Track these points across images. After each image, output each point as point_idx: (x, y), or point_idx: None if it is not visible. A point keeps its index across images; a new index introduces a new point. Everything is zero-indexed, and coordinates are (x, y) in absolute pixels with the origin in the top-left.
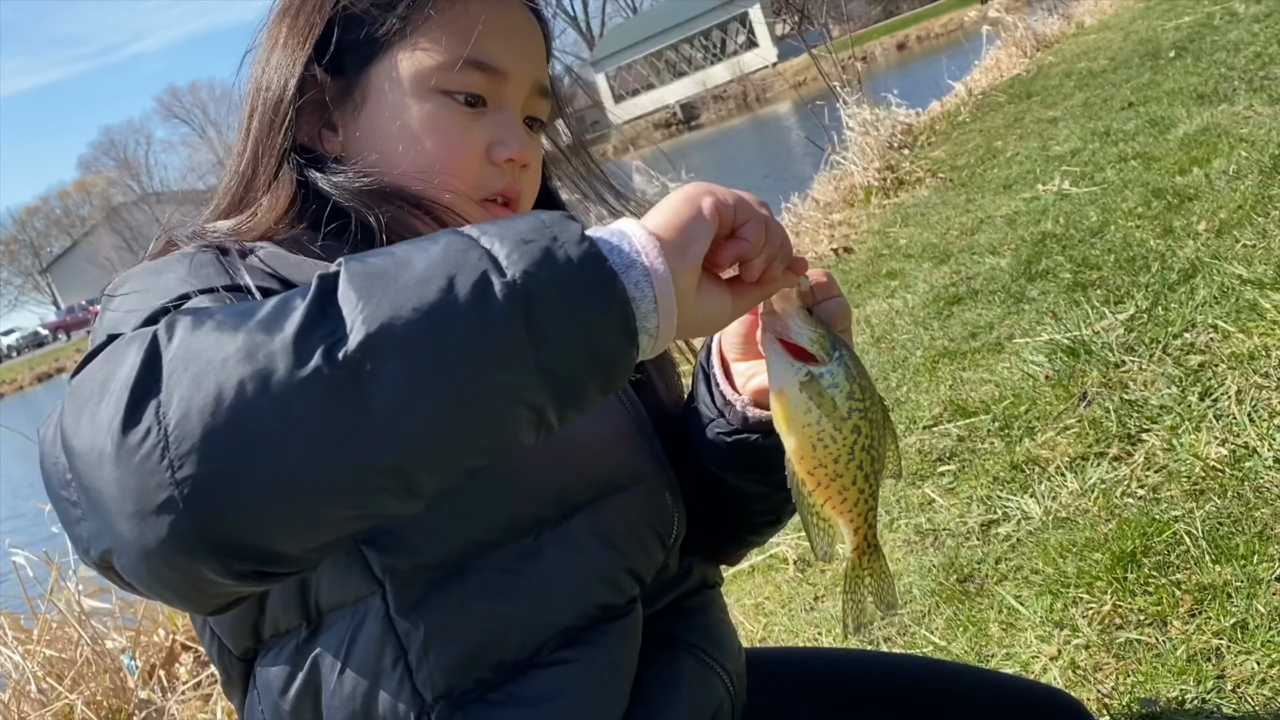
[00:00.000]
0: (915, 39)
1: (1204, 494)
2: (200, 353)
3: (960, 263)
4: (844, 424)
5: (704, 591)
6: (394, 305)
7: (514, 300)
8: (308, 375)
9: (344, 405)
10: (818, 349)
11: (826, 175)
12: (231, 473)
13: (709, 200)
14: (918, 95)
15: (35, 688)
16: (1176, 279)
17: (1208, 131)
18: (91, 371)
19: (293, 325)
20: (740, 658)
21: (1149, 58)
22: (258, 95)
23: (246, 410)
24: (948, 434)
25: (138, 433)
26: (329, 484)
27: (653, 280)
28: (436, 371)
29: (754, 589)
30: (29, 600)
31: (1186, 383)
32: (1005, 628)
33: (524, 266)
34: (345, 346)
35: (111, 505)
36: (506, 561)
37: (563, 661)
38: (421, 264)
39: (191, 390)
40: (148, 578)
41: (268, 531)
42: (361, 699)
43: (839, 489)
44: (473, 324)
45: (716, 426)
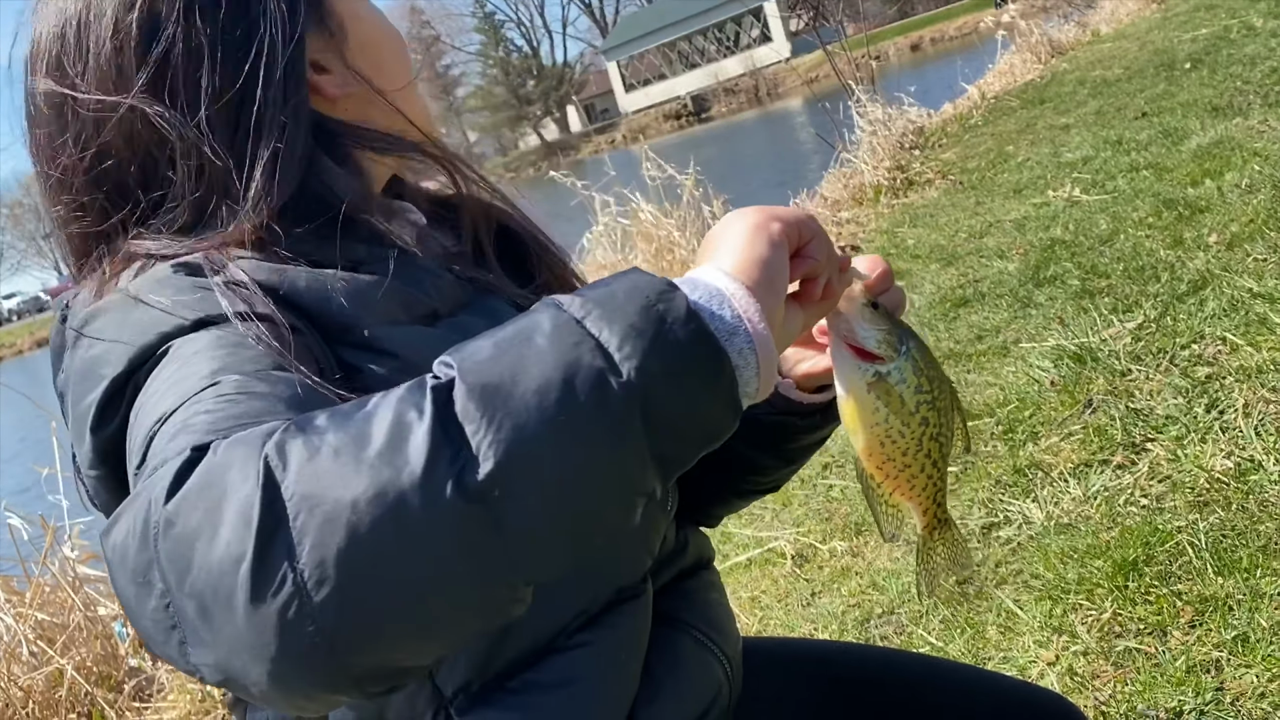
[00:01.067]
0: (929, 40)
1: (1208, 506)
2: (325, 491)
3: (968, 265)
4: (912, 418)
5: (700, 572)
6: (517, 425)
7: (632, 402)
8: (442, 510)
9: (479, 536)
10: (885, 349)
11: (836, 173)
12: (375, 614)
13: (777, 227)
14: (930, 97)
15: (26, 650)
16: (1186, 290)
17: (1221, 144)
18: (189, 499)
19: (419, 455)
20: (738, 643)
21: (1164, 68)
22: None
23: (384, 552)
24: None
25: (272, 582)
26: (467, 609)
27: (756, 347)
28: (565, 490)
29: (750, 582)
30: (23, 563)
31: (1193, 394)
32: (1003, 631)
33: (637, 361)
34: (475, 475)
35: (241, 650)
36: None
37: (580, 645)
38: (534, 366)
39: (325, 535)
40: (279, 703)
41: (406, 658)
42: (375, 702)
43: (908, 479)
44: (597, 436)
45: (755, 409)
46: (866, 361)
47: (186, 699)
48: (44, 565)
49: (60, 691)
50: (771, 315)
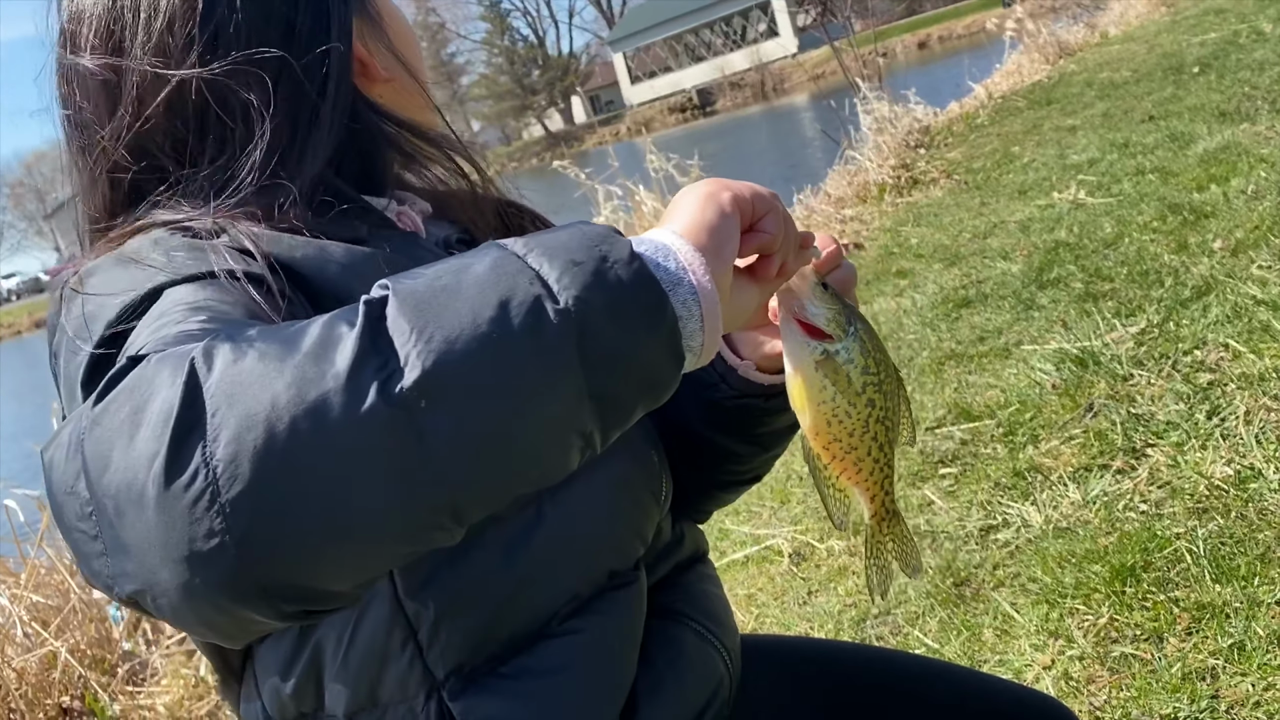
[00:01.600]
0: (937, 39)
1: (1207, 513)
2: (246, 387)
3: (971, 266)
4: (859, 399)
5: (697, 565)
6: (448, 337)
7: (567, 330)
8: (363, 414)
9: (400, 444)
10: (834, 327)
11: (840, 170)
12: (286, 516)
13: (728, 196)
14: (937, 95)
15: (20, 632)
16: (1189, 295)
17: (1228, 149)
18: (117, 400)
19: (344, 359)
20: (736, 636)
21: (1172, 72)
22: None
23: (300, 451)
24: (950, 437)
25: (183, 475)
26: (384, 524)
27: (700, 298)
28: (492, 409)
29: (747, 580)
30: (19, 544)
31: (1194, 400)
32: (999, 634)
33: (576, 291)
34: (401, 382)
35: (151, 550)
36: (510, 534)
37: (573, 631)
38: (472, 289)
39: (241, 429)
40: (188, 619)
41: (320, 573)
42: (368, 680)
43: (854, 460)
44: (528, 357)
45: (717, 392)
46: (815, 339)
47: (180, 684)
48: (40, 547)
49: (54, 674)
50: (718, 278)
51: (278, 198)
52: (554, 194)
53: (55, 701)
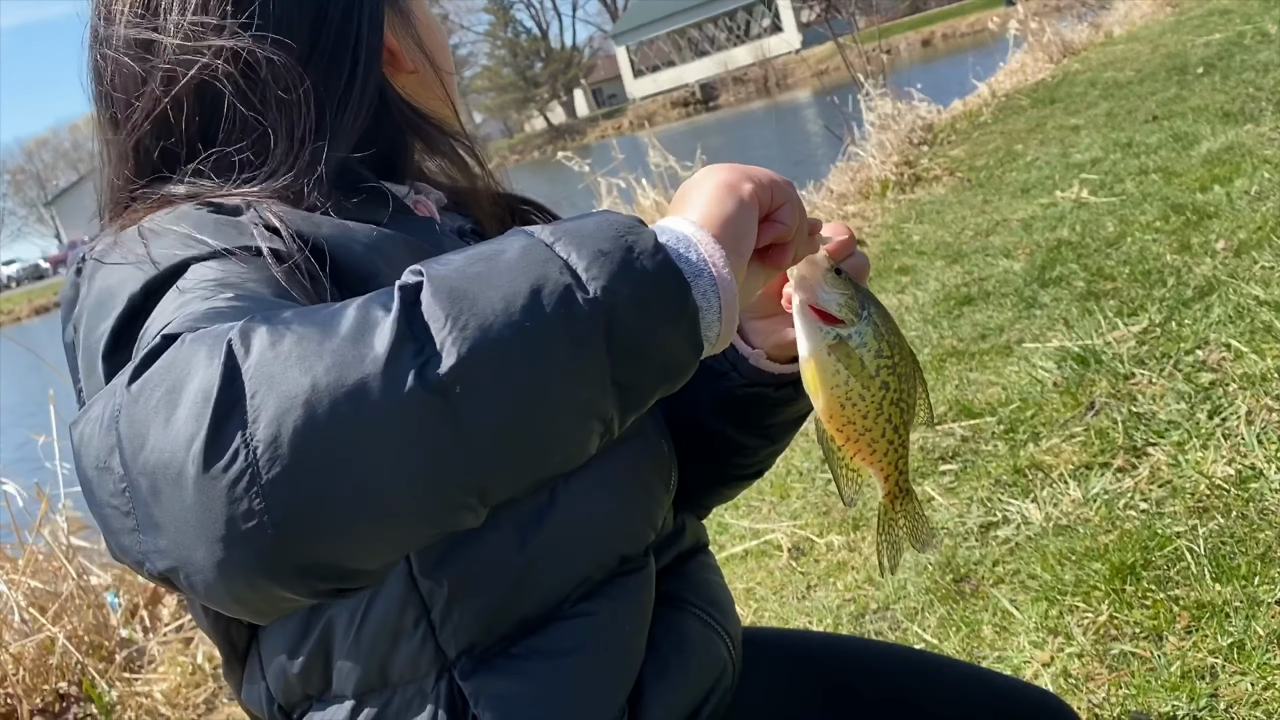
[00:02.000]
0: (941, 36)
1: (1207, 512)
2: (286, 370)
3: (973, 263)
4: (872, 382)
5: (698, 555)
6: (482, 325)
7: (596, 319)
8: (403, 398)
9: (436, 427)
10: (846, 312)
11: (843, 166)
12: (325, 497)
13: (749, 188)
14: (940, 93)
15: (18, 617)
16: (1192, 295)
17: (1231, 150)
18: (153, 379)
19: (382, 344)
20: (738, 624)
21: (1176, 72)
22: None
23: (341, 433)
24: (951, 433)
25: (223, 456)
26: (418, 506)
27: (719, 290)
28: (523, 395)
29: (746, 574)
30: (17, 530)
31: (1196, 400)
32: (999, 630)
33: (604, 281)
34: (438, 368)
35: (188, 529)
36: (524, 515)
37: (584, 614)
38: (503, 277)
39: (280, 411)
40: (221, 596)
41: (355, 553)
42: (379, 659)
43: (868, 442)
44: (559, 346)
45: (728, 380)
46: (828, 324)
47: (177, 671)
48: (38, 533)
49: (51, 659)
50: (735, 270)
51: (303, 179)
52: (557, 187)
53: (52, 687)
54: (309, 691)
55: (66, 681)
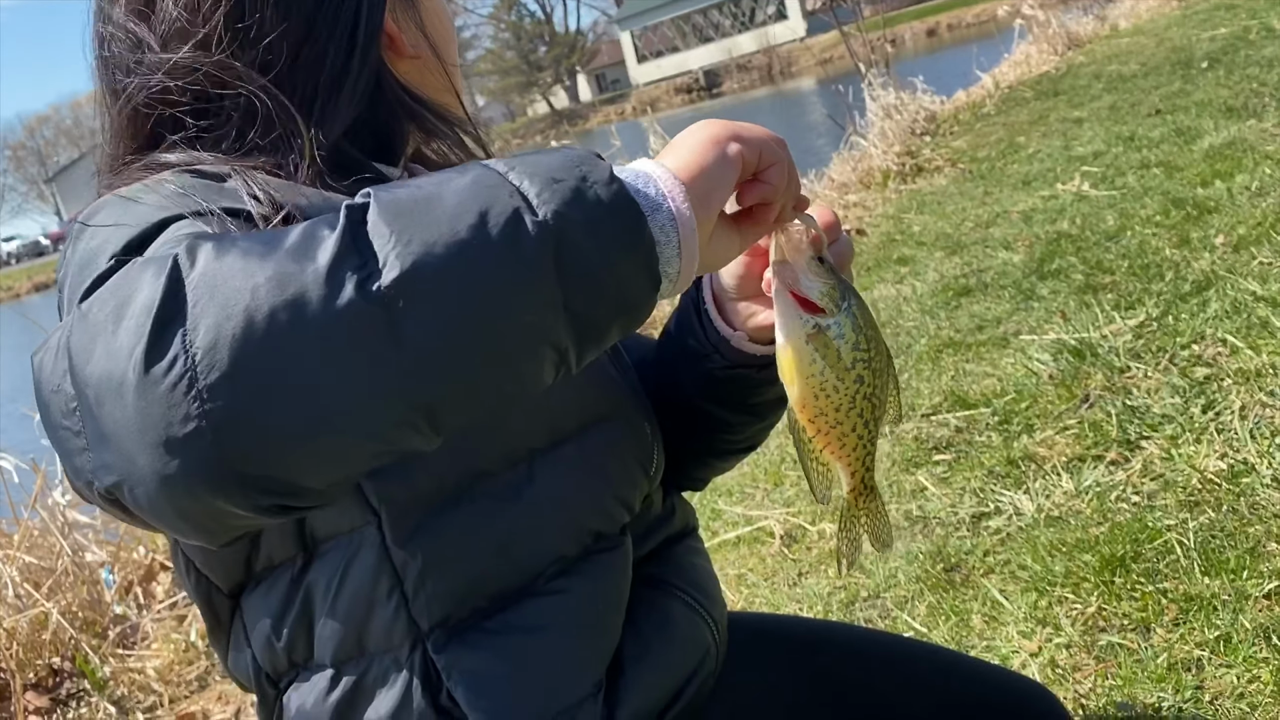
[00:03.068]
0: (946, 27)
1: (1198, 506)
2: (227, 280)
3: (972, 255)
4: (847, 374)
5: (686, 539)
6: (426, 241)
7: (545, 241)
8: (341, 308)
9: (376, 340)
10: (827, 302)
11: (845, 155)
12: (262, 404)
13: (735, 147)
14: (944, 83)
15: (12, 592)
16: (1189, 290)
17: (1233, 146)
18: (103, 297)
19: (325, 256)
20: (724, 609)
21: (1181, 66)
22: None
23: (278, 341)
24: (945, 424)
25: (163, 361)
26: (358, 418)
27: (678, 225)
28: (468, 311)
29: (738, 560)
30: (12, 505)
31: (1190, 394)
32: (988, 620)
33: (555, 206)
34: (379, 281)
35: (129, 436)
36: (501, 489)
37: (558, 591)
38: (452, 199)
39: (220, 318)
40: (164, 509)
41: (294, 465)
42: (355, 628)
43: (838, 435)
44: (505, 265)
45: (710, 362)
46: (808, 312)
47: (170, 648)
48: (33, 509)
49: (45, 635)
50: (700, 217)
51: (291, 156)
52: None
53: (46, 662)
54: (294, 659)
55: (60, 657)
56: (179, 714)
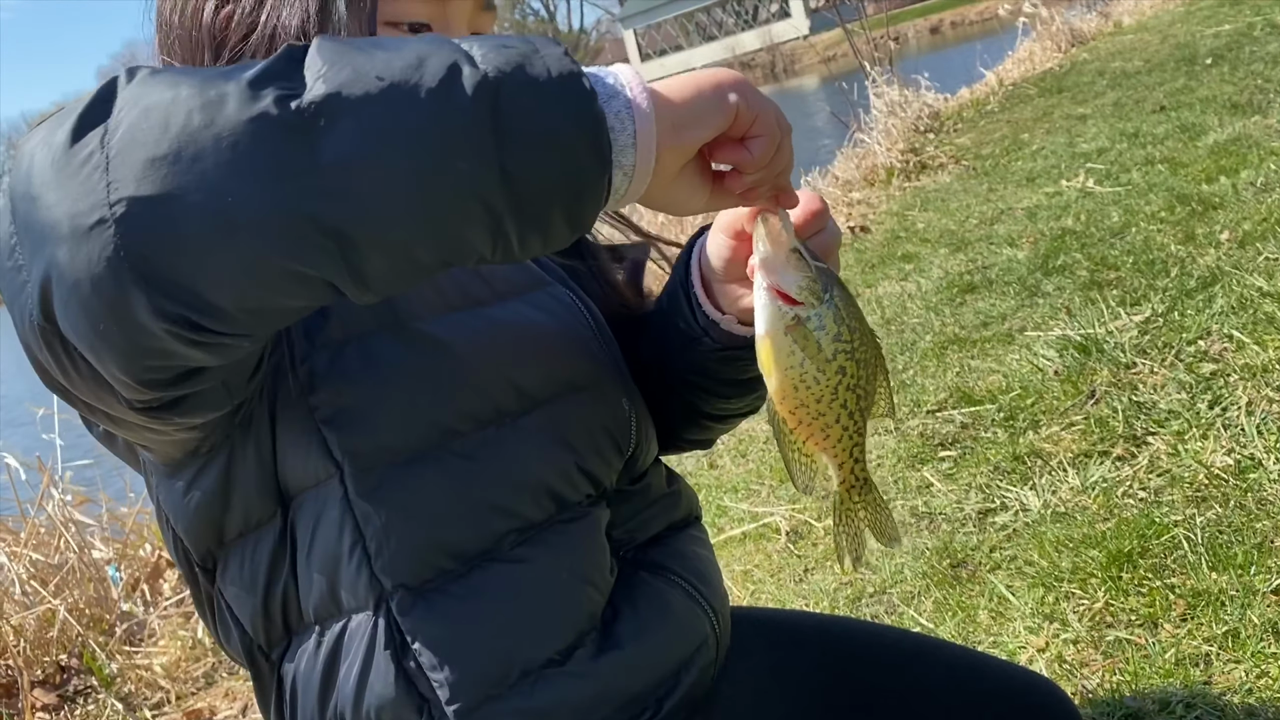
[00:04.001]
0: (949, 24)
1: (1205, 501)
2: (155, 91)
3: (977, 251)
4: (828, 365)
5: (689, 528)
6: (358, 71)
7: (482, 89)
8: (256, 114)
9: (290, 149)
10: (807, 295)
11: (849, 152)
12: (166, 197)
13: (733, 96)
14: (948, 80)
15: (19, 590)
16: (1195, 286)
17: (1238, 142)
18: (47, 118)
19: (251, 73)
20: (725, 600)
21: (1185, 63)
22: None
23: (189, 139)
24: (951, 420)
25: (81, 151)
26: (263, 222)
27: (634, 115)
28: (390, 136)
29: (744, 556)
30: (19, 503)
31: (1197, 390)
32: (994, 616)
33: (498, 64)
34: (300, 98)
35: (49, 230)
36: (466, 449)
37: (520, 560)
38: (395, 46)
39: (139, 119)
40: (78, 312)
41: (198, 266)
42: (328, 585)
43: (821, 427)
44: (436, 101)
45: (700, 345)
46: (787, 304)
47: (177, 645)
48: (40, 507)
49: (52, 632)
50: (665, 135)
51: None
52: None
53: (53, 659)
54: (289, 622)
55: (67, 654)
56: (186, 711)
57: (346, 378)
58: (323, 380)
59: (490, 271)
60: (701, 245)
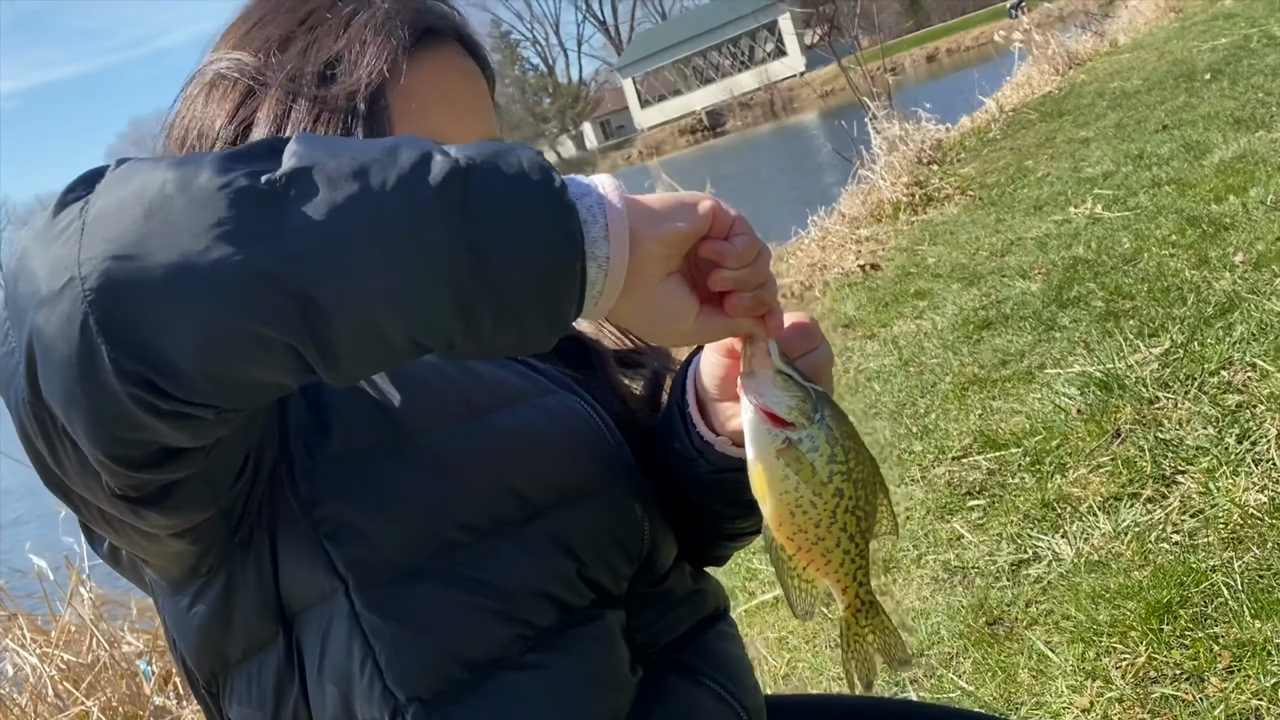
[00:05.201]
0: (945, 51)
1: (1242, 543)
2: (139, 171)
3: (990, 285)
4: (824, 489)
5: (718, 624)
6: (332, 152)
7: (454, 172)
8: (228, 181)
9: (258, 213)
10: (797, 415)
11: (854, 189)
12: (133, 254)
13: (707, 203)
14: (948, 109)
15: (52, 691)
16: (1213, 313)
17: (1244, 158)
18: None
19: (228, 154)
20: (758, 694)
21: (1184, 79)
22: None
23: (161, 203)
24: (977, 466)
25: (61, 222)
26: (226, 280)
27: (606, 209)
28: (359, 205)
29: (778, 623)
30: (49, 602)
31: (1224, 423)
32: (1035, 675)
33: (471, 155)
34: (274, 170)
35: (30, 299)
36: (466, 559)
37: (533, 666)
38: (373, 141)
39: (118, 191)
40: (53, 375)
41: (160, 323)
42: (342, 703)
43: (821, 552)
44: (407, 178)
45: (696, 467)
46: (778, 426)
47: None
48: (69, 605)
49: None
50: (641, 234)
51: None
52: None
53: None
54: None
55: None
56: None
57: (347, 494)
58: (325, 495)
59: (496, 379)
60: (697, 364)
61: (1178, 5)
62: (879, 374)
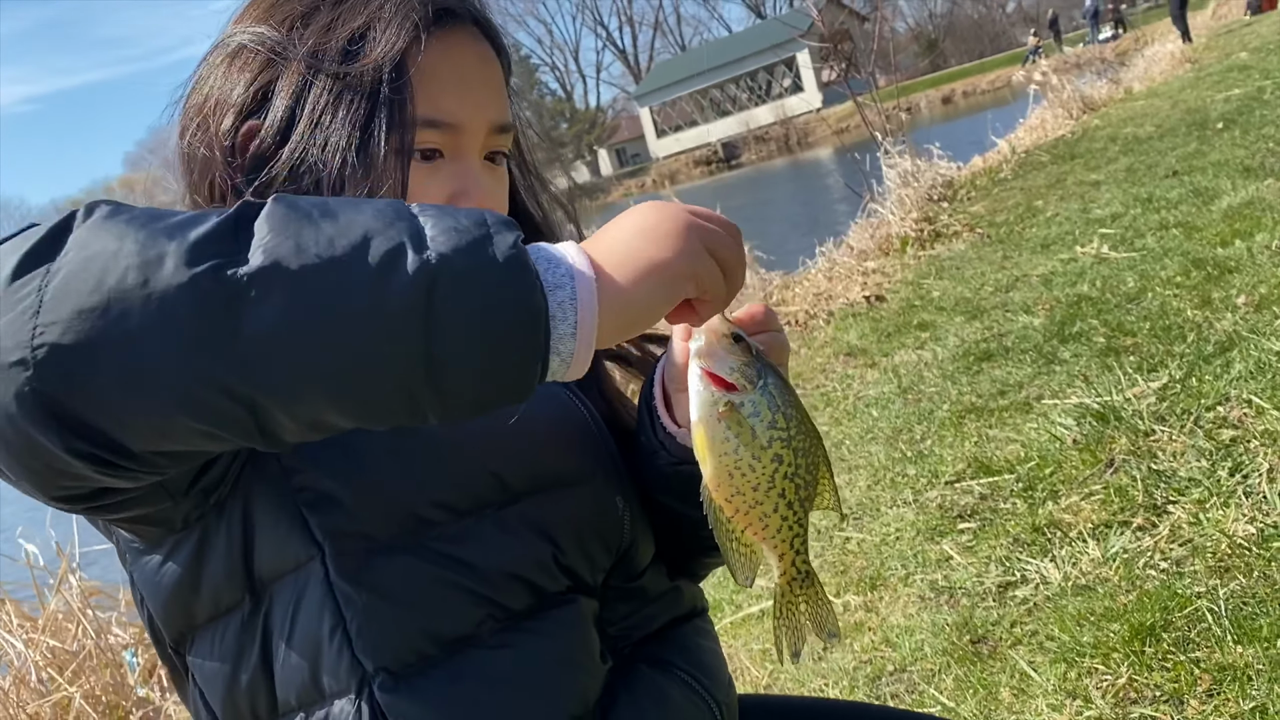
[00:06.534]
0: (961, 94)
1: (1229, 571)
2: (102, 238)
3: (993, 319)
4: (764, 453)
5: (694, 620)
6: (300, 247)
7: (421, 276)
8: (187, 281)
9: (214, 319)
10: (739, 378)
11: (863, 223)
12: (87, 348)
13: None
14: (960, 149)
15: (35, 677)
16: (1212, 351)
17: (1252, 205)
18: (8, 243)
19: (196, 234)
20: (730, 689)
21: (1196, 127)
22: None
23: (120, 296)
24: (970, 491)
25: (20, 290)
26: (175, 385)
27: (578, 305)
28: (316, 314)
29: (762, 635)
30: (38, 589)
31: (1217, 457)
32: (1016, 693)
33: (443, 249)
34: (239, 268)
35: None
36: (443, 537)
37: (504, 645)
38: (347, 217)
39: (79, 268)
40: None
41: (109, 416)
42: (309, 670)
43: (759, 515)
44: (370, 287)
45: (659, 459)
46: (721, 389)
47: None
48: (57, 593)
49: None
50: (608, 321)
51: None
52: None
53: None
54: (258, 712)
55: None
56: None
57: (328, 465)
58: (307, 465)
59: None
60: (666, 357)
61: (1193, 56)
62: (877, 400)
